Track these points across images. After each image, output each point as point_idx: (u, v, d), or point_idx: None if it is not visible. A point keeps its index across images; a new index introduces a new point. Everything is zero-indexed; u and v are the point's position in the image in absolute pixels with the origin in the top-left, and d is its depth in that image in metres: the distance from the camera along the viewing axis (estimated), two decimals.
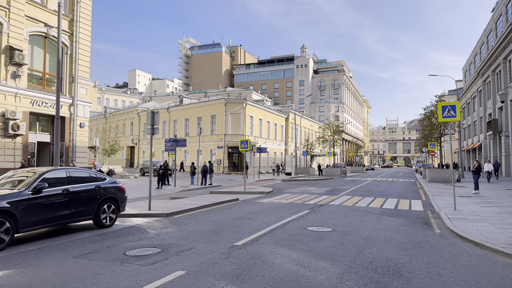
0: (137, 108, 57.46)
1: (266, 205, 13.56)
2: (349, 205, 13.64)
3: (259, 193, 18.45)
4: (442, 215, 10.65)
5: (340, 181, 30.88)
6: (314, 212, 11.49)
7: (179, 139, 22.41)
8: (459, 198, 15.06)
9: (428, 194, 17.53)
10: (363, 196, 17.08)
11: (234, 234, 7.94)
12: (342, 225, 9.20)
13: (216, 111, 44.52)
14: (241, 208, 12.46)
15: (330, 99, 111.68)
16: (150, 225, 9.33)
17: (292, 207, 12.88)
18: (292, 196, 16.93)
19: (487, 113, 45.19)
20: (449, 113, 12.43)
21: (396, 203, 14.53)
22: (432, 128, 30.69)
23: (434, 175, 28.25)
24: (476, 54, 53.55)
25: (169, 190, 21.00)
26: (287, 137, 57.34)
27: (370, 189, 22.02)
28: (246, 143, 19.20)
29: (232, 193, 18.62)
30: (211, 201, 14.01)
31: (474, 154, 54.49)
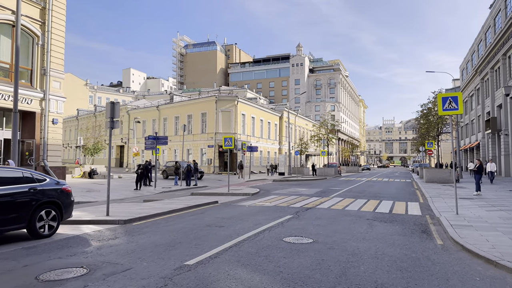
0: (126, 106, 55.84)
1: (246, 209, 12.13)
2: (339, 208, 12.22)
3: (243, 195, 17.02)
4: (443, 220, 9.26)
5: (333, 182, 29.49)
6: (298, 218, 10.06)
7: (160, 136, 20.94)
8: (460, 200, 13.69)
9: (426, 196, 16.17)
10: (356, 198, 15.68)
11: (191, 248, 6.49)
12: (327, 234, 7.77)
13: (206, 109, 43.03)
14: (216, 213, 11.01)
15: (326, 98, 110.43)
16: (99, 235, 7.86)
17: (274, 211, 11.44)
18: (278, 198, 15.50)
19: (485, 112, 43.99)
20: (450, 106, 11.04)
21: (391, 206, 13.14)
22: (429, 126, 29.35)
23: (432, 175, 26.94)
24: (474, 51, 52.38)
25: (148, 191, 19.52)
26: (281, 136, 55.92)
27: (364, 190, 20.63)
28: (230, 141, 17.76)
29: (214, 195, 17.18)
30: (185, 204, 12.55)
31: (471, 154, 53.31)
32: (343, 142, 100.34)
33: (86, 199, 15.93)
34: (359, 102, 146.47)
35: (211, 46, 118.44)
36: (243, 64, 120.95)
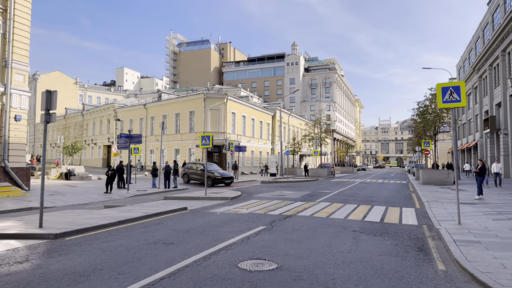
0: (113, 104, 54.00)
1: (215, 217, 10.47)
2: (323, 216, 10.59)
3: (221, 199, 15.37)
4: (443, 234, 7.65)
5: (325, 183, 27.89)
6: (271, 230, 8.42)
7: (134, 135, 19.22)
8: (461, 206, 12.10)
9: (423, 200, 14.58)
10: (345, 203, 14.06)
11: (109, 280, 4.82)
12: (298, 255, 6.13)
13: (195, 107, 41.31)
14: (175, 224, 9.33)
15: (322, 98, 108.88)
16: (7, 255, 6.17)
17: (246, 220, 9.79)
18: (259, 203, 13.85)
19: (483, 111, 42.61)
20: (451, 97, 9.46)
21: (383, 213, 11.53)
22: (426, 125, 27.80)
23: (428, 177, 25.40)
24: (471, 49, 51.03)
25: (119, 195, 17.81)
26: (274, 135, 54.29)
27: (356, 193, 19.03)
28: (208, 139, 16.09)
29: (188, 199, 15.52)
30: (145, 212, 10.87)
31: (468, 154, 51.96)
32: (338, 142, 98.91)
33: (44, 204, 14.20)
34: (355, 102, 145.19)
35: (205, 45, 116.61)
36: (238, 63, 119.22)
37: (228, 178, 24.59)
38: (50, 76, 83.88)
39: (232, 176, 25.24)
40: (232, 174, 26.37)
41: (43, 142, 8.66)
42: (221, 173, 24.88)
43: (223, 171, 26.54)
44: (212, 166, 26.15)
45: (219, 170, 25.50)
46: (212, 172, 24.00)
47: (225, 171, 27.00)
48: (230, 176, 24.99)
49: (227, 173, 26.44)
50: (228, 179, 24.57)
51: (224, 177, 24.27)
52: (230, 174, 26.46)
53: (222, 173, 24.76)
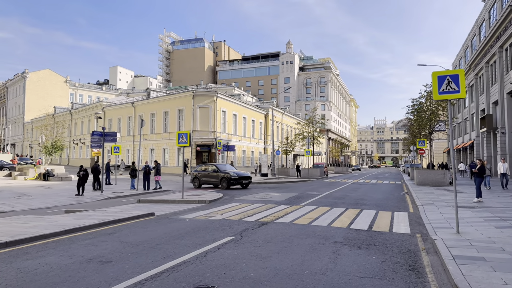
0: (102, 103, 52.53)
1: (181, 225, 9.22)
2: (304, 223, 9.37)
3: (199, 203, 14.12)
4: (440, 246, 6.46)
5: (316, 184, 26.70)
6: (238, 242, 7.18)
7: (108, 132, 17.91)
8: (460, 210, 10.92)
9: (417, 203, 13.41)
10: (332, 207, 12.86)
11: None
12: (259, 278, 4.90)
13: (183, 105, 39.98)
14: (130, 234, 8.08)
15: (316, 97, 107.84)
16: None
17: (215, 229, 8.55)
18: (237, 207, 12.63)
19: (479, 109, 41.66)
20: (449, 87, 8.28)
21: (372, 218, 10.34)
22: (421, 123, 26.66)
23: (424, 177, 24.28)
24: (467, 47, 50.09)
25: (91, 197, 16.50)
26: (267, 135, 53.05)
27: (346, 194, 17.84)
28: (186, 137, 14.82)
29: (163, 203, 14.27)
30: (101, 219, 9.58)
31: (464, 154, 51.04)
32: (333, 142, 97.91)
33: (1, 208, 12.90)
34: (350, 102, 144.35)
35: (198, 43, 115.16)
36: (232, 61, 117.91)
37: (245, 178, 21.67)
38: (40, 74, 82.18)
39: (249, 176, 22.35)
40: (250, 174, 23.16)
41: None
42: (238, 173, 21.92)
43: (239, 171, 23.19)
44: (226, 167, 23.22)
45: (234, 170, 22.61)
46: (226, 172, 21.32)
47: (241, 171, 23.61)
48: (247, 176, 22.06)
49: (244, 172, 23.13)
50: (245, 179, 21.66)
51: (241, 177, 21.42)
52: (247, 173, 23.21)
53: (238, 173, 21.82)
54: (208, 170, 22.69)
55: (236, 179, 21.16)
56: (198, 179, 22.68)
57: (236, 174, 21.47)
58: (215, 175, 21.83)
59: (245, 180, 21.72)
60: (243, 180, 21.64)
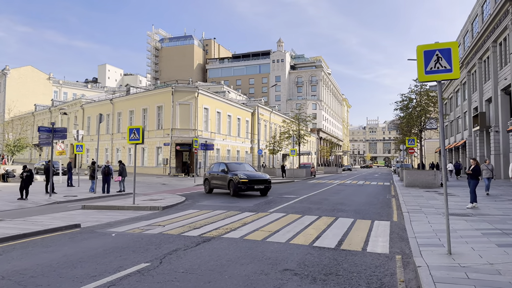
0: (80, 100, 50.19)
1: (99, 242, 7.24)
2: (257, 239, 7.45)
3: (150, 209, 12.14)
4: (424, 280, 4.59)
5: (298, 186, 24.83)
6: (148, 272, 5.23)
7: (58, 128, 15.81)
8: (451, 219, 9.09)
9: (403, 209, 11.59)
10: (303, 214, 10.97)
11: None
12: None
13: (163, 102, 37.87)
14: (17, 258, 6.09)
15: (308, 96, 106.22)
16: None
17: (136, 249, 6.60)
18: (190, 216, 10.68)
19: (472, 107, 40.16)
20: (438, 65, 6.41)
21: (346, 230, 8.45)
22: (410, 120, 24.89)
23: (413, 178, 22.54)
24: (460, 44, 48.58)
25: (34, 202, 14.40)
26: (254, 134, 51.11)
27: (326, 198, 15.95)
28: (138, 132, 12.83)
29: (110, 209, 12.29)
30: (4, 233, 7.56)
31: (456, 154, 49.59)
32: (324, 141, 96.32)
33: None
34: (342, 101, 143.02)
35: (187, 40, 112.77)
36: (222, 59, 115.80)
37: (259, 182, 16.32)
38: (21, 71, 79.34)
39: (266, 179, 16.76)
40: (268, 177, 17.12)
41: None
42: (250, 174, 16.60)
43: (255, 172, 18.14)
44: (242, 166, 18.41)
45: (247, 171, 17.43)
46: (235, 174, 16.31)
47: (257, 172, 18.31)
48: (263, 179, 16.61)
49: (260, 174, 17.60)
50: (259, 182, 16.30)
51: (253, 180, 16.10)
52: (265, 175, 17.37)
53: (250, 175, 16.51)
54: (218, 170, 18.25)
55: (246, 183, 15.87)
56: (209, 182, 18.57)
57: (247, 176, 16.07)
58: (223, 177, 17.31)
59: (260, 184, 16.24)
60: (258, 185, 16.16)
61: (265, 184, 16.60)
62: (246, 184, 15.96)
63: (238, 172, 16.57)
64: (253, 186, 16.16)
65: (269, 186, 16.86)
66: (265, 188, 16.61)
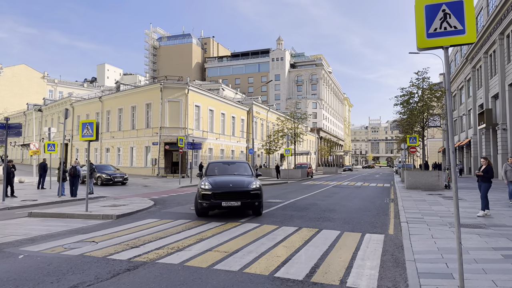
0: (70, 98, 48.46)
1: None
2: (202, 266, 5.60)
3: (103, 218, 10.32)
4: None
5: (290, 188, 22.94)
6: None
7: (12, 124, 14.00)
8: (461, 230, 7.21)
9: (402, 218, 9.71)
10: (281, 224, 9.11)
11: None
12: None
13: (151, 99, 36.05)
14: None
15: (308, 95, 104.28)
16: None
17: (22, 285, 4.78)
18: (139, 228, 8.85)
19: (477, 104, 38.15)
20: (445, 25, 4.54)
21: (326, 250, 6.58)
22: (411, 116, 22.92)
23: (415, 180, 20.63)
24: None
25: None
26: (249, 133, 49.24)
27: (314, 203, 14.07)
28: (92, 127, 11.03)
29: (57, 217, 10.49)
30: None
31: (461, 153, 47.55)
32: (324, 141, 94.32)
33: None
34: (343, 100, 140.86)
35: (186, 39, 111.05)
36: (221, 58, 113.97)
37: (234, 195, 9.98)
38: (14, 70, 77.76)
39: (247, 190, 10.09)
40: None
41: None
42: (222, 181, 10.51)
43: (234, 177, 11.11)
44: (233, 167, 12.24)
45: (224, 176, 11.16)
46: (203, 182, 10.47)
47: (237, 177, 11.05)
48: (241, 191, 10.05)
49: (239, 180, 10.63)
50: (235, 196, 9.98)
51: (221, 194, 9.95)
52: (247, 183, 10.38)
53: (221, 182, 10.42)
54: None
55: (209, 197, 9.95)
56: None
57: (211, 186, 10.09)
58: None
59: (230, 199, 9.89)
60: (226, 200, 9.88)
61: (243, 198, 9.94)
62: (209, 198, 9.84)
63: (205, 180, 10.56)
64: (219, 203, 9.79)
65: (255, 202, 10.11)
66: (244, 206, 10.05)
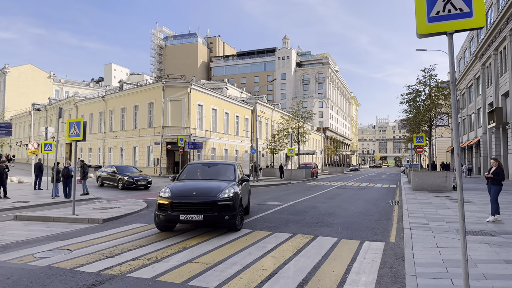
0: (74, 98, 48.37)
1: None
2: (176, 281, 5.03)
3: (89, 222, 9.83)
4: None
5: (292, 189, 22.32)
6: None
7: (3, 123, 13.63)
8: (469, 240, 6.55)
9: (405, 224, 9.04)
10: (275, 230, 8.52)
11: None
12: None
13: (153, 98, 35.68)
14: None
15: (314, 94, 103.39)
16: None
17: None
18: (127, 233, 8.33)
19: (487, 103, 37.07)
20: (449, 7, 3.90)
21: (318, 261, 5.98)
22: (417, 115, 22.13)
23: (421, 181, 19.87)
24: (473, 37, 45.48)
25: None
26: (253, 132, 48.68)
27: (314, 206, 13.45)
28: (78, 127, 10.53)
29: (42, 221, 10.04)
30: None
31: (470, 153, 46.41)
32: (331, 140, 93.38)
33: None
34: (350, 99, 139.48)
35: (192, 38, 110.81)
36: (226, 57, 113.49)
37: (195, 207, 7.81)
38: (21, 70, 78.22)
39: (214, 201, 7.81)
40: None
41: None
42: (184, 187, 8.65)
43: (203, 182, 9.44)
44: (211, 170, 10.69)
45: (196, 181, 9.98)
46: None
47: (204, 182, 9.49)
48: (204, 202, 7.86)
49: (205, 185, 8.79)
50: (196, 208, 7.80)
51: (180, 205, 7.86)
52: (216, 189, 8.24)
53: (184, 188, 8.52)
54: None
55: (165, 208, 7.96)
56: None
57: (171, 193, 8.18)
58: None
59: (190, 211, 7.79)
60: (186, 212, 7.75)
61: (208, 211, 7.67)
62: (166, 209, 7.80)
63: (168, 186, 8.61)
64: (177, 217, 7.64)
65: (224, 216, 7.77)
66: (210, 221, 7.77)
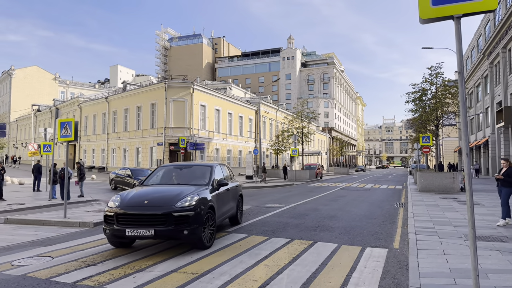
0: (78, 99, 48.35)
1: None
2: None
3: (80, 226, 9.49)
4: None
5: (295, 190, 21.85)
6: None
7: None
8: (480, 247, 6.05)
9: (410, 228, 8.55)
10: (272, 235, 8.10)
11: None
12: None
13: (156, 99, 35.43)
14: None
15: (319, 94, 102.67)
16: None
17: None
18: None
19: (495, 102, 36.30)
20: None
21: (315, 270, 5.53)
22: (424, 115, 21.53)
23: (428, 182, 19.29)
24: (480, 35, 44.62)
25: None
26: (257, 133, 48.25)
27: (316, 208, 12.98)
28: (70, 127, 10.19)
29: (33, 224, 9.72)
30: None
31: (478, 153, 45.53)
32: (336, 140, 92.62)
33: None
34: (356, 100, 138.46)
35: (196, 39, 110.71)
36: (231, 58, 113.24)
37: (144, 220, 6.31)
38: (26, 71, 78.63)
39: (166, 213, 6.22)
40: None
41: None
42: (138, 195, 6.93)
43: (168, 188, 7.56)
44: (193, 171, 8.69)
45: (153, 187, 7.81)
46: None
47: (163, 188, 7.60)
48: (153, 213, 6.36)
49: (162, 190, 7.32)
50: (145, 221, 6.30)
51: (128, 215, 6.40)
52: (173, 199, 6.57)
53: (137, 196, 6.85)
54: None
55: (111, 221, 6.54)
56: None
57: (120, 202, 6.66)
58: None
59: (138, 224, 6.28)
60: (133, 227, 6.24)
61: (160, 224, 6.22)
62: (112, 223, 6.44)
63: (121, 193, 7.15)
64: (123, 231, 6.23)
65: (183, 231, 6.23)
66: (162, 236, 6.39)
